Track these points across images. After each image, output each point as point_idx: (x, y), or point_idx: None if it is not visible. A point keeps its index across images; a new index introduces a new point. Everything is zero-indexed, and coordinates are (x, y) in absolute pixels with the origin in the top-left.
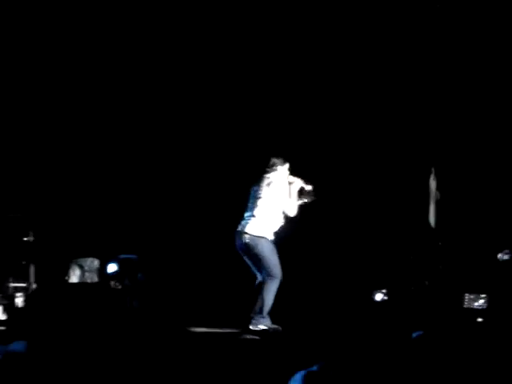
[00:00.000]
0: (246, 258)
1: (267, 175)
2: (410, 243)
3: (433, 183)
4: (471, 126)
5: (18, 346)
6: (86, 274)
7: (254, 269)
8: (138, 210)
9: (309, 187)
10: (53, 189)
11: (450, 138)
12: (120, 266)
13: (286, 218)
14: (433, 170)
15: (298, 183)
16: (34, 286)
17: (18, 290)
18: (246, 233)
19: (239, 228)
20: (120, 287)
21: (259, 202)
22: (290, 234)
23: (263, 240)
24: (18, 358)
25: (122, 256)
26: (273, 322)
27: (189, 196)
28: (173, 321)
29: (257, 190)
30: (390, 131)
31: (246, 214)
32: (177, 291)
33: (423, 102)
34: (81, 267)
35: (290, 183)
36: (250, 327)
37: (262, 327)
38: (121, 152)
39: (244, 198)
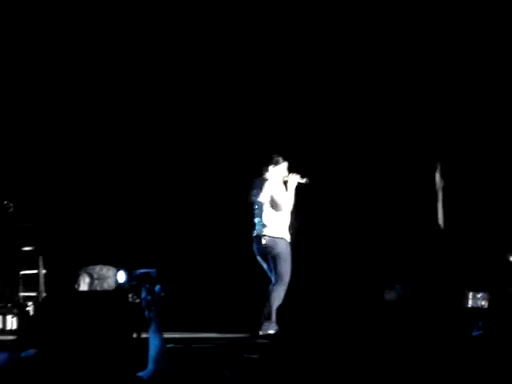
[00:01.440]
0: (262, 262)
1: (264, 176)
2: (419, 241)
3: (438, 179)
4: (477, 121)
5: (28, 354)
6: (96, 282)
7: (269, 273)
8: (148, 219)
9: (304, 180)
10: (63, 198)
11: (455, 132)
12: (138, 280)
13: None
14: (438, 165)
15: (295, 179)
16: (44, 294)
17: (28, 299)
18: (265, 235)
19: (256, 233)
20: (138, 301)
21: (264, 207)
22: (297, 233)
23: (283, 241)
24: (27, 364)
25: (141, 270)
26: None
27: (194, 202)
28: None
29: (257, 194)
30: (394, 127)
31: (257, 220)
32: (187, 297)
33: (428, 96)
34: (90, 275)
35: (285, 181)
36: (260, 332)
37: (271, 332)
38: (134, 162)
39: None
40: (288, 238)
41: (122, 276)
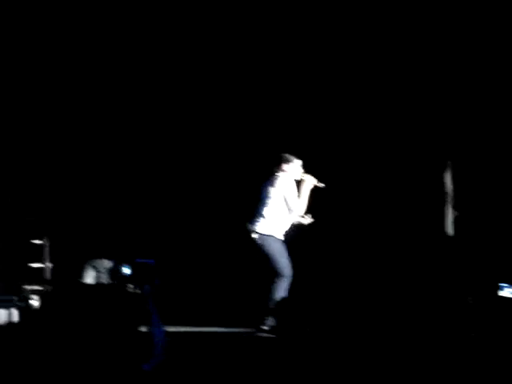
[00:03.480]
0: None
1: (277, 174)
2: (427, 250)
3: (449, 180)
4: (487, 122)
5: None
6: (101, 276)
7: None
8: (151, 212)
9: (321, 185)
10: (68, 192)
11: (466, 134)
12: (138, 271)
13: (297, 217)
14: (449, 166)
15: (310, 181)
16: (49, 288)
17: (33, 292)
18: (255, 231)
19: (250, 227)
20: (139, 292)
21: (268, 202)
22: (298, 237)
23: (271, 238)
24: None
25: (139, 260)
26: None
27: (200, 196)
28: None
29: (266, 190)
30: (403, 128)
31: (256, 213)
32: (192, 292)
33: (439, 97)
34: (95, 269)
35: (301, 181)
36: (263, 327)
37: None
38: (137, 157)
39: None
40: (279, 236)
41: (127, 270)
